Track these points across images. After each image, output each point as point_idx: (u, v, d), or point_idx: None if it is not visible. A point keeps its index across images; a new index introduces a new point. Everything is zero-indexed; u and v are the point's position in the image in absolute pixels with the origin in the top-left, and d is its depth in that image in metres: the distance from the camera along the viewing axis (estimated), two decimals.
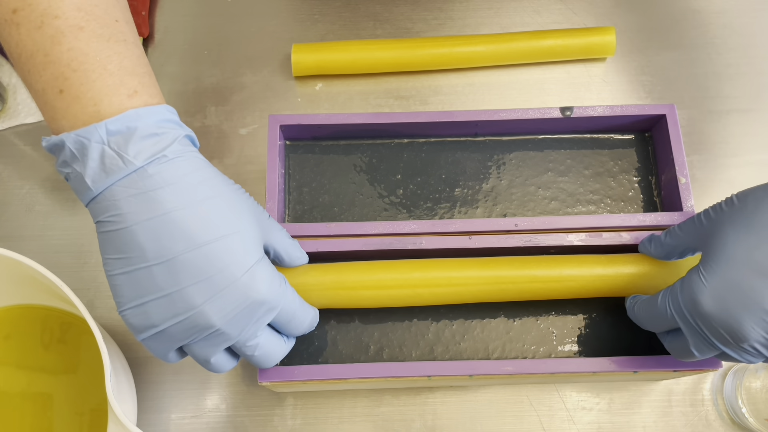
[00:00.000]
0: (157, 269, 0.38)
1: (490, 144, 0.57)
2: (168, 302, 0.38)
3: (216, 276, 0.39)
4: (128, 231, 0.38)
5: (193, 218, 0.38)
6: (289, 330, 0.45)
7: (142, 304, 0.38)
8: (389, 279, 0.49)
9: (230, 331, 0.40)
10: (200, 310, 0.38)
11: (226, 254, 0.39)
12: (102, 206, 0.38)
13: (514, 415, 0.54)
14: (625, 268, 0.49)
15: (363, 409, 0.54)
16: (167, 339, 0.40)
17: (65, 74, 0.38)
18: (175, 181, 0.38)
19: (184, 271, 0.38)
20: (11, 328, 0.54)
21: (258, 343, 0.42)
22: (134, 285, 0.38)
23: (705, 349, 0.43)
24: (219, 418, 0.54)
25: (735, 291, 0.40)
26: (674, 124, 0.54)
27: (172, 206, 0.38)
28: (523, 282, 0.49)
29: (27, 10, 0.38)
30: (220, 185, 0.41)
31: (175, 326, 0.39)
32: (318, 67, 0.62)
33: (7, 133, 0.62)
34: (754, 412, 0.52)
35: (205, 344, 0.40)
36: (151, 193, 0.38)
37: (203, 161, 0.41)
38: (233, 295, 0.39)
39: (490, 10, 0.67)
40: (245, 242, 0.40)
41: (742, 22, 0.66)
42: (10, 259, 0.45)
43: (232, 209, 0.40)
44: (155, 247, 0.38)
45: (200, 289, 0.38)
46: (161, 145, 0.38)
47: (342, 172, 0.56)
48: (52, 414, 0.52)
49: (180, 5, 0.66)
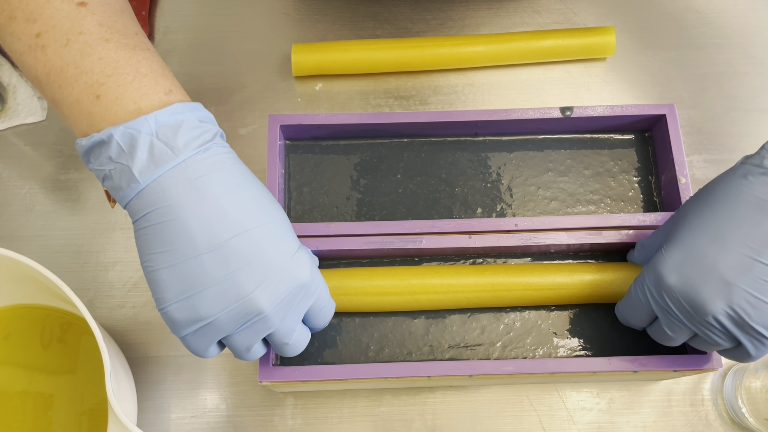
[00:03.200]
0: (207, 257, 0.38)
1: (490, 144, 0.57)
2: (219, 291, 0.39)
3: (265, 260, 0.39)
4: (177, 220, 0.38)
5: (241, 204, 0.39)
6: (318, 319, 0.45)
7: (189, 297, 0.39)
8: (389, 285, 0.50)
9: (276, 316, 0.40)
10: (251, 296, 0.39)
11: (273, 239, 0.40)
12: (147, 200, 0.38)
13: (514, 415, 0.54)
14: (616, 276, 0.51)
15: (363, 409, 0.54)
16: (212, 331, 0.40)
17: (100, 80, 0.39)
18: (220, 170, 0.39)
19: (234, 258, 0.38)
20: (11, 328, 0.54)
21: (296, 330, 0.43)
22: (182, 278, 0.38)
23: (675, 327, 0.44)
24: (219, 418, 0.54)
25: (692, 260, 0.42)
26: (674, 124, 0.54)
27: (220, 192, 0.39)
28: (517, 290, 0.50)
29: (51, 32, 0.39)
30: (255, 179, 0.42)
31: (224, 315, 0.39)
32: (318, 67, 0.62)
33: (7, 133, 0.62)
34: (754, 412, 0.52)
35: (249, 333, 0.41)
36: (199, 180, 0.38)
37: (238, 157, 0.42)
38: (282, 279, 0.40)
39: (490, 10, 0.67)
40: (287, 229, 0.42)
41: (742, 22, 0.66)
42: (10, 259, 0.45)
43: (271, 199, 0.42)
44: (205, 235, 0.38)
45: (250, 274, 0.39)
46: (206, 137, 0.40)
47: (342, 172, 0.56)
48: (52, 414, 0.52)
49: (180, 5, 0.66)
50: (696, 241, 0.42)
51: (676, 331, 0.44)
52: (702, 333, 0.43)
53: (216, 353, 0.42)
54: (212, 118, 0.42)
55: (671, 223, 0.46)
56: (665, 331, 0.45)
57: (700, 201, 0.44)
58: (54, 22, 0.39)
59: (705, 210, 0.42)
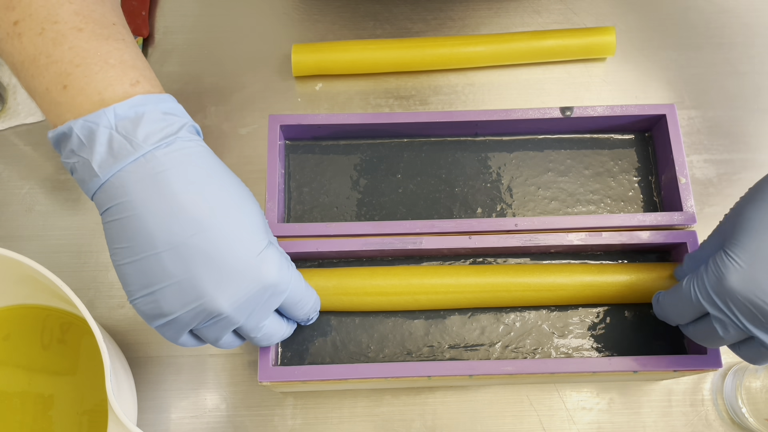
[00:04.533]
0: (165, 255, 0.38)
1: (490, 144, 0.57)
2: (178, 290, 0.38)
3: (226, 261, 0.38)
4: (136, 217, 0.37)
5: (201, 201, 0.38)
6: (294, 313, 0.45)
7: (152, 293, 0.38)
8: (389, 285, 0.50)
9: (239, 316, 0.40)
10: (210, 297, 0.38)
11: (236, 237, 0.39)
12: (109, 194, 0.38)
13: (514, 415, 0.54)
14: (615, 277, 0.51)
15: (363, 409, 0.54)
16: (178, 326, 0.40)
17: (68, 70, 0.38)
18: (182, 165, 0.38)
19: (192, 257, 0.38)
20: (11, 328, 0.54)
21: (264, 325, 0.42)
22: (143, 273, 0.38)
23: (733, 331, 0.42)
24: (219, 418, 0.54)
25: (760, 262, 0.39)
26: (674, 124, 0.54)
27: (180, 189, 0.38)
28: (517, 290, 0.50)
29: (27, 21, 0.39)
30: (226, 174, 0.41)
31: (185, 314, 0.39)
32: (318, 67, 0.62)
33: (7, 133, 0.62)
34: (754, 412, 0.52)
35: (214, 328, 0.40)
36: (159, 175, 0.37)
37: (209, 150, 0.41)
38: (244, 279, 0.39)
39: (490, 10, 0.66)
40: (254, 227, 0.40)
41: (742, 22, 0.66)
42: (10, 259, 0.45)
43: (241, 195, 0.41)
44: (163, 232, 0.37)
45: (210, 274, 0.38)
46: (169, 130, 0.39)
47: (342, 172, 0.56)
48: (52, 414, 0.52)
49: (180, 5, 0.66)
50: (763, 242, 0.40)
51: (729, 334, 0.42)
52: (763, 335, 0.41)
53: (190, 343, 0.42)
54: (181, 110, 0.41)
55: (727, 226, 0.43)
56: (716, 332, 0.43)
57: (757, 200, 0.41)
58: (31, 10, 0.39)
59: (765, 208, 0.40)
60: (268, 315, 0.42)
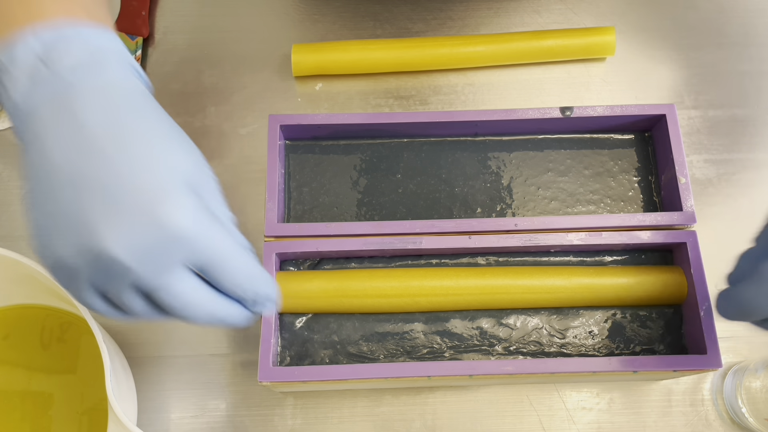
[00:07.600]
0: (65, 189, 0.34)
1: (490, 144, 0.57)
2: (70, 228, 0.34)
3: (125, 197, 0.34)
4: (41, 146, 0.35)
5: (111, 134, 0.35)
6: (221, 281, 0.37)
7: (48, 234, 0.34)
8: (389, 287, 0.50)
9: (138, 268, 0.34)
10: (101, 235, 0.33)
11: (143, 177, 0.34)
12: (23, 121, 0.36)
13: (514, 415, 0.54)
14: (615, 280, 0.51)
15: (363, 409, 0.54)
16: (78, 278, 0.35)
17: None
18: (99, 97, 0.35)
19: (90, 192, 0.34)
20: (11, 328, 0.54)
21: (172, 285, 0.35)
22: (41, 209, 0.35)
23: None
24: (219, 418, 0.54)
25: None
26: (674, 124, 0.54)
27: (92, 121, 0.34)
28: (516, 293, 0.51)
29: None
30: (155, 114, 0.37)
31: (78, 258, 0.34)
32: (318, 67, 0.62)
33: (7, 133, 0.62)
34: (754, 412, 0.52)
35: (115, 283, 0.35)
36: (71, 104, 0.35)
37: (142, 89, 0.38)
38: (145, 223, 0.34)
39: (490, 10, 0.67)
40: (170, 170, 0.35)
41: (742, 22, 0.66)
42: (10, 259, 0.45)
43: (166, 137, 0.36)
44: (64, 163, 0.34)
45: (104, 210, 0.34)
46: (96, 58, 0.36)
47: (342, 172, 0.56)
48: (52, 414, 0.52)
49: (180, 5, 0.66)
50: None
51: None
52: None
53: (105, 309, 0.37)
54: (118, 46, 0.37)
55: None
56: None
57: None
58: None
59: None
60: (174, 269, 0.35)
